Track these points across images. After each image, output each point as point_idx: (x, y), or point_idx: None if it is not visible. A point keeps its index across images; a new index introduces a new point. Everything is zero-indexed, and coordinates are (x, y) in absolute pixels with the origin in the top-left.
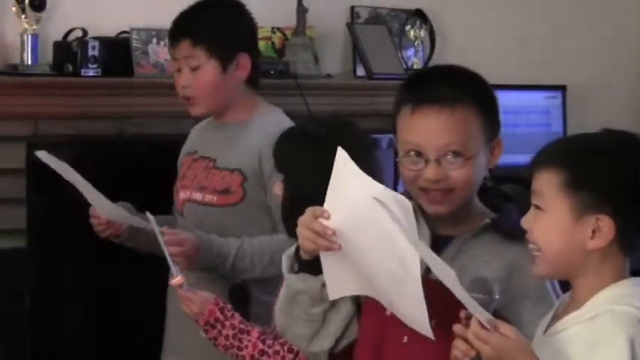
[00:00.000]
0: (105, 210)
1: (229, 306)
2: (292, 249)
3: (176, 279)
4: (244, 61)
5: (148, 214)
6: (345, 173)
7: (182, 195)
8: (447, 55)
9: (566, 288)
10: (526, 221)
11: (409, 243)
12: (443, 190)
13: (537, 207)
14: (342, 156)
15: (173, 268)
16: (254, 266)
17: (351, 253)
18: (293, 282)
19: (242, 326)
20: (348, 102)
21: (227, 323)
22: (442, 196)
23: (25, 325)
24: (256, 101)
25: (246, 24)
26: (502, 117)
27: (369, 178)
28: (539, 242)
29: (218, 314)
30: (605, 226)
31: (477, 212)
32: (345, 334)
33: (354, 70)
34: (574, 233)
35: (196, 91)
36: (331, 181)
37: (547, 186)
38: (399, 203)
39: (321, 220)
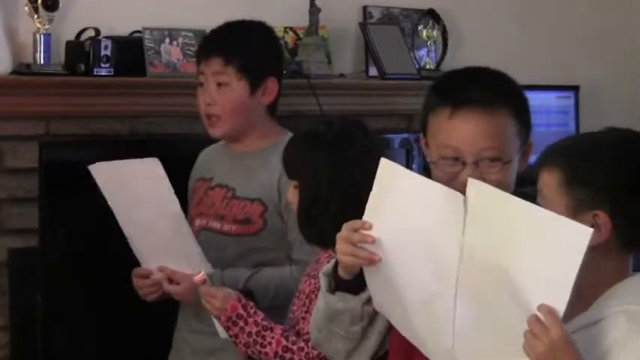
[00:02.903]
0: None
1: (252, 303)
2: (330, 266)
3: (199, 275)
4: (272, 87)
5: (174, 211)
6: (390, 179)
7: (198, 222)
8: (459, 56)
9: None
10: None
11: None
12: None
13: (538, 205)
14: (385, 163)
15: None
16: (259, 301)
17: (390, 265)
18: (333, 302)
19: (265, 323)
20: (361, 102)
21: (250, 320)
22: None
23: (37, 324)
24: (273, 128)
25: (276, 49)
26: None
27: (418, 176)
28: None
29: (241, 310)
30: (602, 221)
31: None
32: (381, 348)
33: (367, 70)
34: None
35: (221, 110)
36: (373, 191)
37: (547, 185)
38: (446, 196)
39: (362, 231)
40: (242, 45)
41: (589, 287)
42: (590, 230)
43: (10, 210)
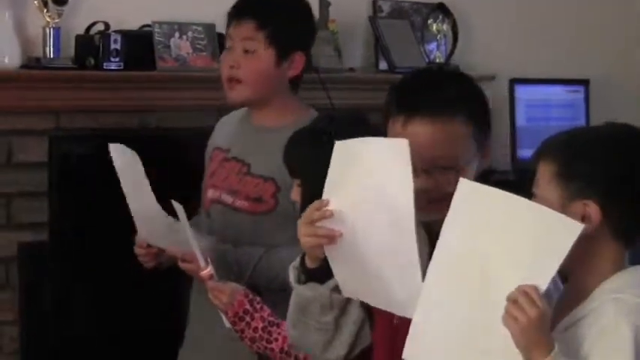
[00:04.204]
0: (157, 233)
1: (258, 298)
2: (297, 260)
3: (205, 270)
4: (299, 61)
5: (175, 203)
6: (345, 156)
7: (210, 194)
8: (469, 49)
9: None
10: None
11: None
12: (433, 199)
13: (533, 194)
14: (339, 144)
15: (202, 261)
16: (271, 281)
17: (353, 236)
18: (302, 291)
19: (271, 319)
20: (371, 96)
21: (256, 315)
22: (432, 205)
23: (47, 318)
24: (296, 104)
25: (311, 25)
26: (525, 111)
27: (367, 139)
28: None
29: (247, 306)
30: (592, 210)
31: None
32: (358, 341)
33: (377, 64)
34: None
35: (244, 74)
36: (329, 172)
37: (542, 176)
38: (393, 147)
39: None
40: (277, 13)
41: (586, 281)
42: (582, 226)
43: (20, 204)
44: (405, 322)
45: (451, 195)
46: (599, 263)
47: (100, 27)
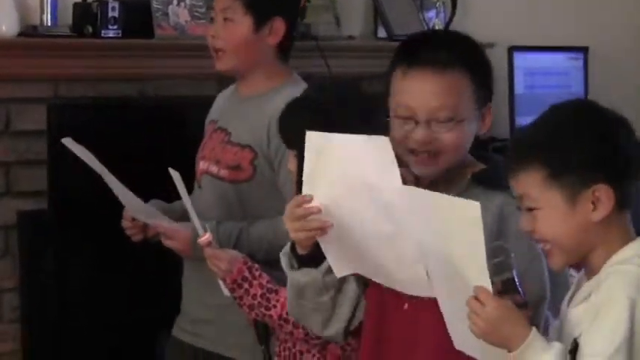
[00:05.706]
0: (133, 209)
1: (257, 265)
2: (287, 247)
3: (204, 237)
4: (279, 26)
5: (172, 170)
6: (320, 147)
7: (201, 165)
8: (468, 17)
9: None
10: (525, 225)
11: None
12: (431, 152)
13: (530, 209)
14: (311, 135)
15: (199, 228)
16: (253, 255)
17: (344, 226)
18: (296, 278)
19: (270, 286)
20: (370, 64)
21: (255, 282)
22: (430, 158)
23: (47, 285)
24: (282, 72)
25: None
26: (524, 78)
27: (344, 135)
28: (549, 238)
29: (246, 273)
30: (603, 193)
31: (468, 172)
32: (355, 315)
33: (375, 32)
34: (577, 215)
35: (224, 44)
36: (305, 165)
37: (531, 186)
38: (376, 145)
39: (304, 205)
40: None
41: (599, 257)
42: (478, 204)
43: (19, 172)
44: (392, 294)
45: (448, 149)
46: (612, 238)
47: None
